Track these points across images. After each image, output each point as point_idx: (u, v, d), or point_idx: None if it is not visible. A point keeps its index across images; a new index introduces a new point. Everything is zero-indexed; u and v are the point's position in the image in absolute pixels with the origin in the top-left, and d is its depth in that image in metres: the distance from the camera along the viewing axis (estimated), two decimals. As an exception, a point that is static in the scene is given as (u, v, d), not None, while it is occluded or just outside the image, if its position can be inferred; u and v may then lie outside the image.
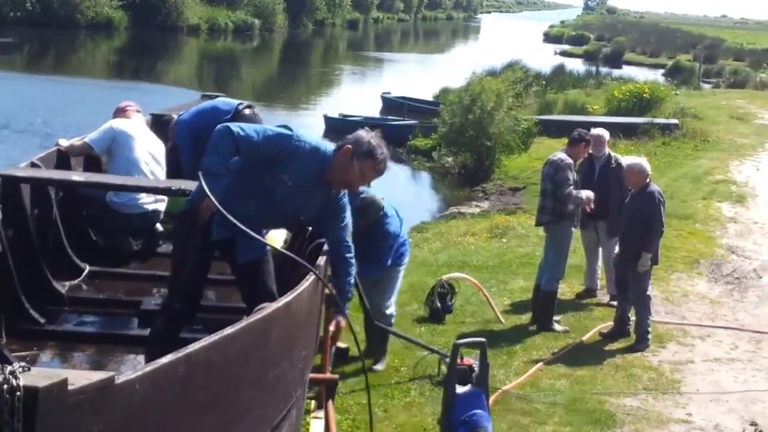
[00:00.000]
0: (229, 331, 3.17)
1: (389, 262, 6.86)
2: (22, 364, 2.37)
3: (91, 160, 7.38)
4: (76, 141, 7.20)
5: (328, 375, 5.36)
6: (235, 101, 8.05)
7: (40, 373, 2.36)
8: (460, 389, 5.45)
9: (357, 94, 32.76)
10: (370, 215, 6.57)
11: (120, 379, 2.54)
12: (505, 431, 6.10)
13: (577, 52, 61.87)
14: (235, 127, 4.30)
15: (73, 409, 2.39)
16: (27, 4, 49.86)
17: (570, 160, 7.96)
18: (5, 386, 2.31)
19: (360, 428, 6.10)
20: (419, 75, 41.20)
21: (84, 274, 6.46)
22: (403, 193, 17.36)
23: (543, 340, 7.83)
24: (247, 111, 7.91)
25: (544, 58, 43.65)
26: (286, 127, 4.49)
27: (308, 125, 22.31)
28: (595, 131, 8.75)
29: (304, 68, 45.90)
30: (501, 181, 16.50)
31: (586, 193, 7.95)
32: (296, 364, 4.19)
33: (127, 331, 5.52)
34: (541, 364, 7.26)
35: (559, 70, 33.83)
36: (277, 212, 4.56)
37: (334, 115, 23.79)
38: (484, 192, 15.74)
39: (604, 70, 39.68)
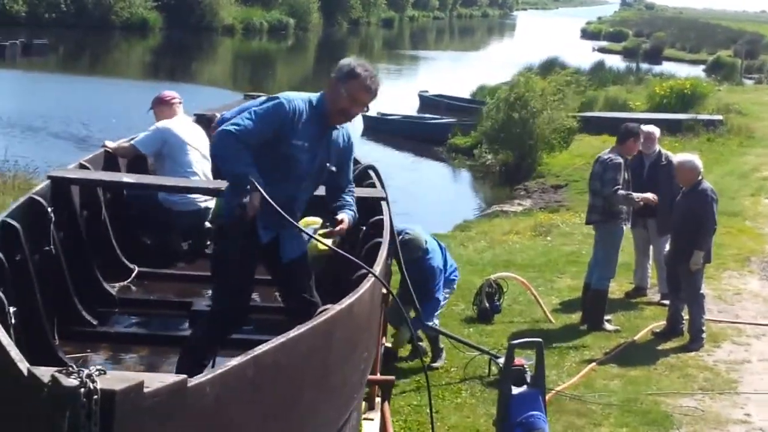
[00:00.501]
0: (294, 333, 3.12)
1: (443, 296, 6.96)
2: (99, 367, 2.36)
3: (136, 159, 7.39)
4: (122, 143, 7.21)
5: (383, 376, 5.29)
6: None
7: (116, 377, 2.35)
8: (516, 390, 5.36)
9: (393, 93, 32.56)
10: (412, 252, 6.54)
11: (192, 382, 2.52)
12: (559, 433, 6.01)
13: (615, 48, 61.26)
14: (228, 127, 4.25)
15: (148, 412, 2.37)
16: (62, 6, 50.39)
17: (620, 160, 7.80)
18: (82, 390, 2.29)
19: (412, 429, 6.03)
20: (455, 73, 40.98)
21: (133, 275, 6.46)
22: (443, 191, 17.34)
23: (594, 340, 7.71)
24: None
25: (582, 55, 43.30)
26: (270, 98, 4.46)
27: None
28: (645, 128, 8.59)
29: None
30: (543, 178, 16.36)
31: (642, 196, 7.81)
32: (357, 366, 4.14)
33: (178, 333, 5.50)
34: (593, 364, 7.15)
35: (599, 66, 33.53)
36: (309, 179, 4.53)
37: (372, 113, 23.72)
38: (526, 190, 15.63)
39: (644, 66, 39.28)
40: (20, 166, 12.18)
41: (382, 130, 22.58)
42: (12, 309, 3.97)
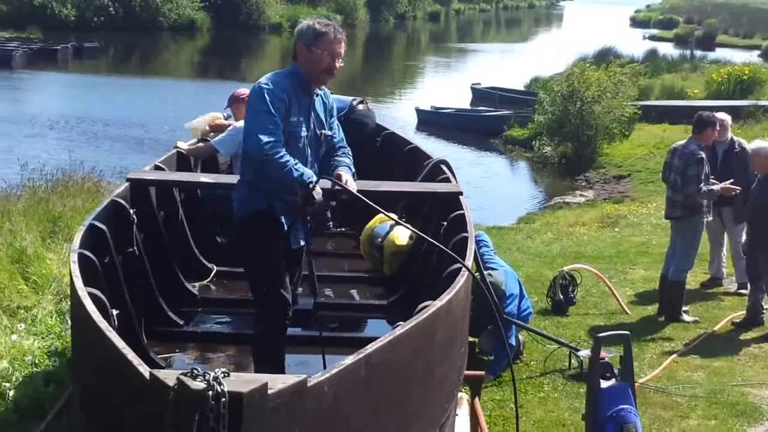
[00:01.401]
0: (400, 331, 3.14)
1: (515, 340, 6.79)
2: (223, 369, 2.38)
3: (208, 159, 7.48)
4: (193, 143, 7.29)
5: (473, 371, 5.27)
6: (349, 98, 8.06)
7: (241, 379, 2.38)
8: (605, 384, 5.32)
9: (444, 86, 32.56)
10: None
11: (312, 382, 2.54)
12: (647, 426, 5.94)
13: (666, 36, 60.23)
14: (262, 143, 4.29)
15: (273, 413, 2.40)
16: (110, 9, 50.93)
17: (702, 154, 7.67)
18: (210, 393, 2.32)
19: (497, 424, 6.01)
20: (504, 65, 40.75)
21: (212, 274, 6.53)
22: (503, 183, 17.24)
23: (673, 331, 7.62)
24: (360, 106, 7.92)
25: (632, 44, 42.71)
26: (252, 92, 4.50)
27: (399, 119, 22.27)
28: (718, 116, 8.47)
29: (389, 62, 45.89)
30: (604, 169, 16.23)
31: (723, 186, 7.69)
32: (456, 362, 4.14)
33: None
34: (675, 355, 7.07)
35: (652, 54, 33.09)
36: (310, 150, 4.57)
37: (426, 107, 23.69)
38: (588, 181, 15.51)
39: (697, 53, 38.64)
40: (85, 169, 12.32)
41: (436, 123, 22.54)
42: (115, 312, 4.03)
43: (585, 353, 6.74)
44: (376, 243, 6.79)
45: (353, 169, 4.77)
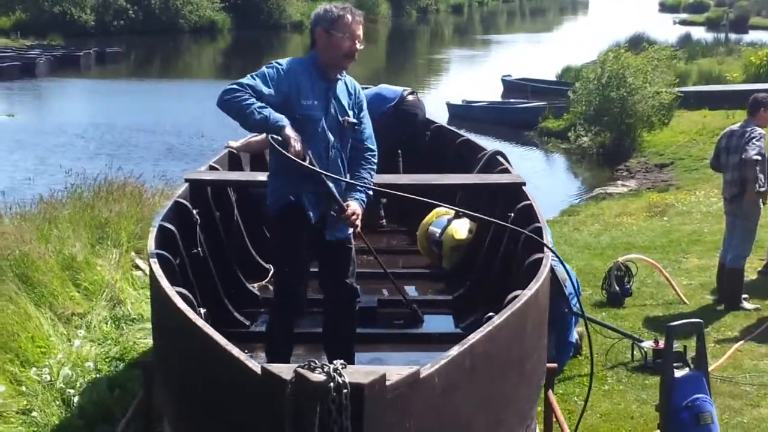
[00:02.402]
0: (498, 320, 3.11)
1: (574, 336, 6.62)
2: (341, 361, 2.35)
3: (258, 158, 7.44)
4: (251, 139, 7.23)
5: (548, 364, 5.18)
6: (400, 88, 7.98)
7: (359, 370, 2.35)
8: (679, 373, 5.21)
9: (473, 79, 32.37)
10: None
11: (423, 373, 2.51)
12: (717, 416, 5.81)
13: (697, 20, 59.48)
14: (230, 85, 4.34)
15: (390, 404, 2.37)
16: (130, 12, 51.17)
17: (762, 131, 7.52)
18: (331, 384, 2.29)
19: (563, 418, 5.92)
20: (532, 55, 40.44)
21: (270, 274, 6.48)
22: (540, 176, 17.00)
23: (734, 320, 7.48)
24: (410, 97, 7.84)
25: (663, 29, 42.30)
26: (264, 66, 4.47)
27: (429, 114, 22.10)
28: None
29: (413, 56, 45.75)
30: (645, 158, 16.02)
31: None
32: (542, 353, 4.07)
33: None
34: (739, 344, 6.93)
35: (685, 39, 32.73)
36: (333, 135, 4.49)
37: (456, 101, 23.51)
38: (629, 170, 15.31)
39: (731, 36, 38.16)
40: (123, 174, 12.32)
41: (468, 117, 22.35)
42: (203, 310, 3.99)
43: (648, 344, 6.64)
44: (434, 238, 6.71)
45: (369, 191, 4.65)
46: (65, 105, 27.96)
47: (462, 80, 33.08)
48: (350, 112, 4.58)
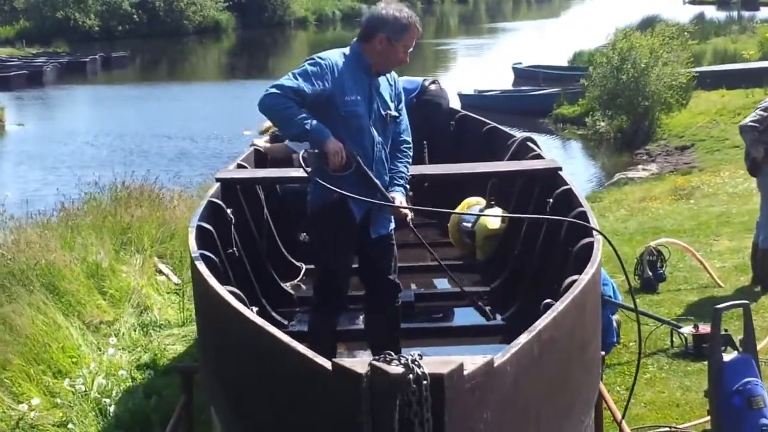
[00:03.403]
0: (561, 306, 3.03)
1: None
2: (417, 352, 2.28)
3: (284, 157, 7.34)
4: (274, 145, 7.18)
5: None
6: (419, 78, 7.85)
7: (436, 361, 2.28)
8: (727, 357, 5.08)
9: (482, 68, 32.23)
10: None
11: (497, 362, 2.45)
12: (765, 400, 5.69)
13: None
14: (270, 90, 4.17)
15: (468, 394, 2.31)
16: (134, 17, 51.15)
17: None
18: (410, 376, 2.21)
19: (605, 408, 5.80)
20: (541, 42, 40.20)
21: (302, 273, 6.39)
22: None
23: (771, 301, 7.35)
24: (432, 86, 7.71)
25: (674, 10, 41.96)
26: (306, 60, 4.34)
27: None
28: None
29: (420, 47, 45.44)
30: (665, 141, 15.86)
31: None
32: (598, 340, 3.97)
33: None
34: (781, 326, 6.80)
35: (697, 19, 32.46)
36: (376, 130, 4.39)
37: (468, 91, 23.36)
38: (649, 154, 15.16)
39: (744, 14, 37.88)
40: (139, 178, 12.22)
41: (481, 107, 22.04)
42: (255, 308, 3.90)
43: (688, 330, 6.51)
44: (466, 229, 6.60)
45: (406, 182, 4.61)
46: (74, 112, 27.97)
47: (472, 70, 32.93)
48: (391, 105, 4.48)
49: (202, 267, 3.69)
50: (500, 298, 5.84)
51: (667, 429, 5.47)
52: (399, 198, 4.40)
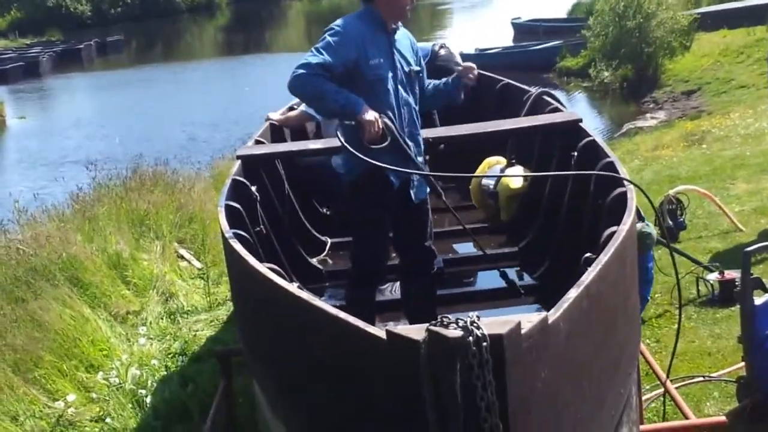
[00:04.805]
0: (605, 258, 2.98)
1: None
2: (475, 314, 2.22)
3: (298, 129, 7.32)
4: (289, 113, 7.11)
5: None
6: (428, 44, 7.78)
7: (493, 322, 2.23)
8: (759, 301, 5.05)
9: (480, 27, 31.97)
10: (642, 248, 6.09)
11: (550, 319, 2.41)
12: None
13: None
14: (299, 70, 4.10)
15: (527, 353, 2.27)
16: (126, -1, 50.80)
17: None
18: (470, 338, 2.15)
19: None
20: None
21: (327, 247, 6.36)
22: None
23: (796, 242, 7.30)
24: (442, 51, 7.63)
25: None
26: (325, 31, 4.27)
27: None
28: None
29: (415, 12, 44.51)
30: (670, 87, 15.75)
31: None
32: (636, 292, 3.93)
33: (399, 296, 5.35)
34: (807, 266, 6.76)
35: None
36: (403, 90, 4.37)
37: (469, 51, 23.18)
38: (656, 102, 15.07)
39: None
40: (148, 163, 12.18)
41: (483, 66, 21.72)
42: (297, 284, 3.89)
43: (714, 277, 6.49)
44: (488, 190, 6.55)
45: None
46: (74, 102, 27.89)
47: (470, 29, 32.65)
48: (412, 60, 4.46)
49: (238, 247, 3.66)
50: (530, 258, 5.80)
51: (701, 378, 5.46)
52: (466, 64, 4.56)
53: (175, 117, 21.29)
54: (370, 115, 4.09)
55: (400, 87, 4.36)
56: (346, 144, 4.03)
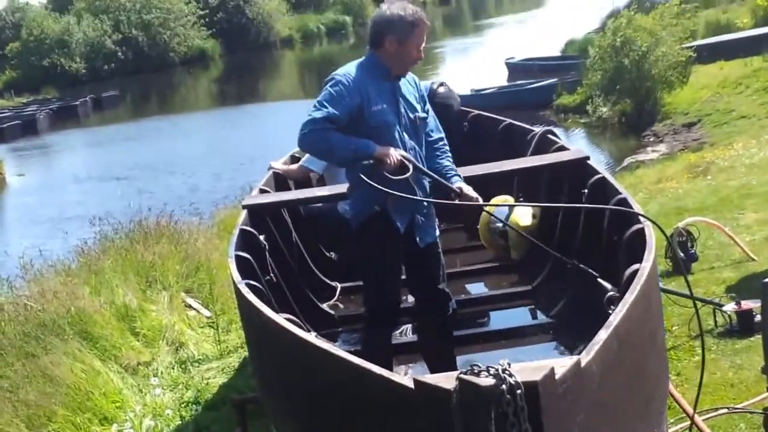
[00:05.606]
0: (631, 297, 2.98)
1: None
2: (506, 361, 2.22)
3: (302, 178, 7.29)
4: (290, 165, 7.13)
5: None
6: (427, 82, 7.79)
7: (525, 368, 2.23)
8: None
9: (474, 67, 32.18)
10: None
11: (583, 363, 2.41)
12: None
13: (690, -28, 58.94)
14: (305, 129, 4.12)
15: (562, 398, 2.27)
16: (119, 54, 51.14)
17: None
18: (503, 386, 2.15)
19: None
20: (528, 34, 40.21)
21: (338, 292, 6.34)
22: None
23: (809, 271, 7.24)
24: (441, 89, 7.64)
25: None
26: (325, 82, 4.27)
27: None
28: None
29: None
30: (670, 120, 15.82)
31: None
32: (662, 326, 3.91)
33: (412, 339, 5.32)
34: (823, 294, 6.69)
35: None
36: (407, 135, 4.35)
37: (465, 92, 23.28)
38: (656, 135, 15.12)
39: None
40: (152, 214, 12.13)
41: (480, 106, 21.87)
42: (314, 333, 3.84)
43: (730, 307, 6.42)
44: (497, 229, 6.52)
45: (452, 161, 4.61)
46: (73, 158, 27.96)
47: (464, 70, 32.84)
48: (418, 107, 4.44)
49: (253, 298, 3.64)
50: (543, 296, 5.76)
51: (726, 410, 5.37)
52: (465, 185, 4.43)
53: (174, 168, 21.34)
54: (385, 149, 4.10)
55: (405, 133, 4.34)
56: (364, 177, 4.01)
